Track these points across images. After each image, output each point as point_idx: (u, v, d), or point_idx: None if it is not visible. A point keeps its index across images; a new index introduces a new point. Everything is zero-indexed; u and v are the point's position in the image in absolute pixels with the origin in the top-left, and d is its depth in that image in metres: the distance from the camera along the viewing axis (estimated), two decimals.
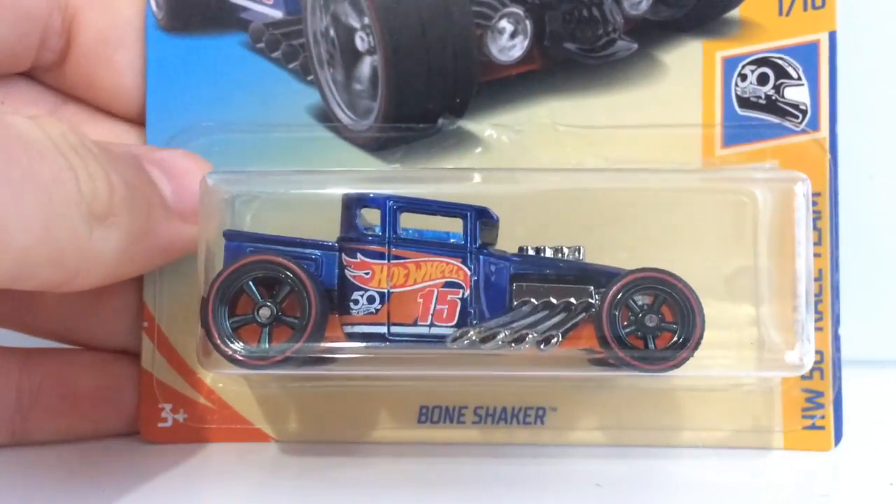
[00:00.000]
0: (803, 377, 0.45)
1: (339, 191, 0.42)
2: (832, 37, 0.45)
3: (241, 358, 0.40)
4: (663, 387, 0.46)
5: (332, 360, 0.42)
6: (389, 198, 0.41)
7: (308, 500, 0.41)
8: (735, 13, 0.46)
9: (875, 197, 0.54)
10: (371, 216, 0.42)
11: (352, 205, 0.42)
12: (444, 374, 0.44)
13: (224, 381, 0.46)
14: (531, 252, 0.43)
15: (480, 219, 0.42)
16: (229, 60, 0.46)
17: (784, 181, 0.43)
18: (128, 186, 0.38)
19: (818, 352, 0.45)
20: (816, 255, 0.45)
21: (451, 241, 0.42)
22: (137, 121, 0.46)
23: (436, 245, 0.41)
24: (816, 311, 0.45)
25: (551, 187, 0.44)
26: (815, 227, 0.45)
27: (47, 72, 0.47)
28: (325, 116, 0.46)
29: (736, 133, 0.46)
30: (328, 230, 0.42)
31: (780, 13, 0.46)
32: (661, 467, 0.44)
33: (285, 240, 0.42)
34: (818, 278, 0.45)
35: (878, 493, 0.39)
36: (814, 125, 0.46)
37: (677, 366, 0.40)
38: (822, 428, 0.45)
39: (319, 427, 0.46)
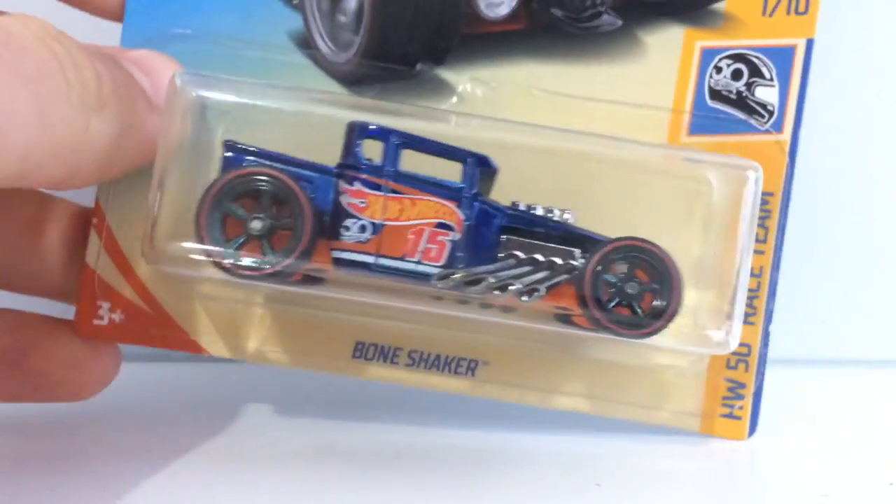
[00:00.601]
0: (728, 367, 0.46)
1: (313, 110, 0.42)
2: (809, 44, 0.46)
3: (229, 266, 0.41)
4: (598, 358, 0.47)
5: (316, 282, 0.42)
6: (393, 132, 0.42)
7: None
8: (721, 6, 0.47)
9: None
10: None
11: (355, 133, 0.42)
12: (421, 310, 0.44)
13: (164, 288, 0.46)
14: (523, 207, 0.43)
15: (480, 166, 0.43)
16: None
17: (738, 168, 0.44)
18: (113, 78, 0.38)
19: (745, 345, 0.46)
20: (759, 252, 0.46)
21: (448, 183, 0.42)
22: (119, 18, 0.46)
23: (433, 185, 0.42)
24: (751, 307, 0.46)
25: (516, 139, 0.44)
26: (762, 226, 0.47)
27: None
28: (305, 43, 0.46)
29: (703, 123, 0.47)
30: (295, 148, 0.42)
31: (764, 13, 0.46)
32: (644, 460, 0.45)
33: (285, 158, 0.42)
34: (758, 275, 0.47)
35: (878, 493, 0.40)
36: (778, 127, 0.47)
37: (651, 334, 0.42)
38: (738, 418, 0.47)
39: (254, 347, 0.47)
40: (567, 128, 0.46)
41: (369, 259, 0.42)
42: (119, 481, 0.40)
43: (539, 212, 0.44)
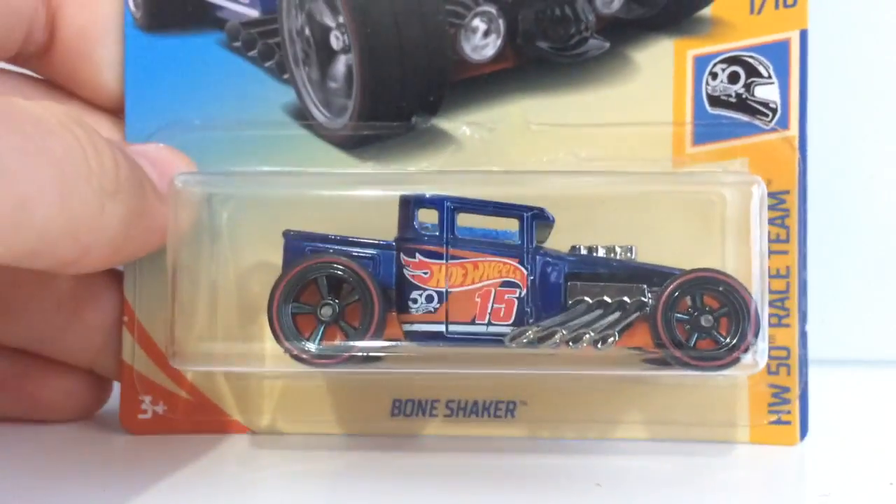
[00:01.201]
0: (770, 372, 0.46)
1: (312, 192, 0.43)
2: (803, 35, 0.46)
3: (306, 357, 0.41)
4: (633, 382, 0.46)
5: (390, 359, 0.43)
6: (447, 198, 0.42)
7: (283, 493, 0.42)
8: (706, 12, 0.46)
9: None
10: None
11: (410, 205, 0.43)
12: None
13: (200, 374, 0.47)
14: (584, 251, 0.44)
15: (537, 220, 0.43)
16: (206, 59, 0.47)
17: (743, 184, 0.44)
18: (128, 165, 0.40)
19: (784, 347, 0.46)
20: (784, 252, 0.46)
21: (507, 241, 0.43)
22: (115, 113, 0.47)
23: (493, 245, 0.42)
24: (783, 308, 0.46)
25: (522, 192, 0.44)
26: (783, 225, 0.46)
27: (30, 62, 0.48)
28: (301, 114, 0.47)
29: (706, 131, 0.46)
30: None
31: (752, 12, 0.46)
32: (645, 462, 0.45)
33: (344, 239, 0.43)
34: (785, 275, 0.46)
35: (879, 493, 0.39)
36: (784, 124, 0.46)
37: (730, 365, 0.42)
38: (788, 423, 0.46)
39: (295, 420, 0.47)
40: (571, 156, 0.46)
41: (440, 328, 0.42)
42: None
43: (600, 253, 0.44)
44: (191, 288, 0.44)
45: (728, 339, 0.42)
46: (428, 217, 0.43)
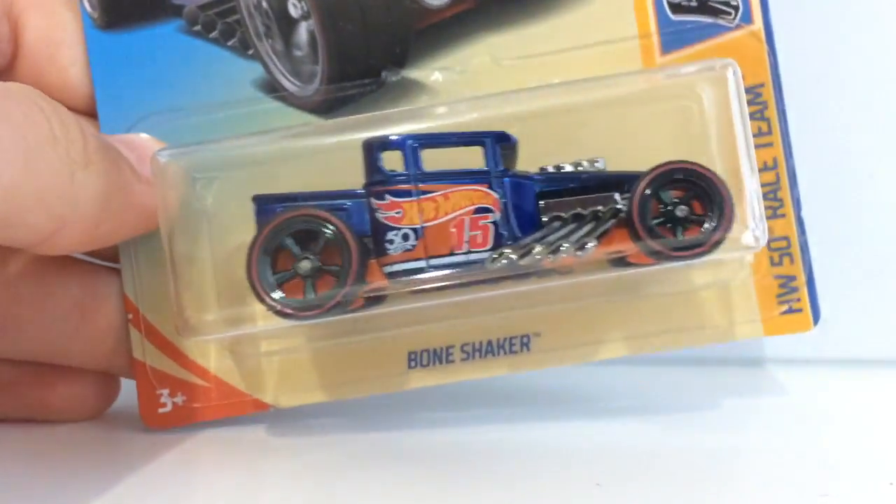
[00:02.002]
0: (773, 264, 0.46)
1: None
2: None
3: (291, 311, 0.41)
4: (640, 294, 0.46)
5: (377, 302, 0.43)
6: (409, 137, 0.42)
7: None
8: None
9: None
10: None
11: (373, 149, 0.43)
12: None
13: (214, 358, 0.47)
14: (551, 170, 0.44)
15: (500, 142, 0.43)
16: (169, 48, 0.47)
17: (715, 70, 0.44)
18: (98, 140, 0.40)
19: (783, 237, 0.46)
20: (768, 144, 0.46)
21: (474, 169, 0.43)
22: (88, 113, 0.47)
23: (460, 174, 0.42)
24: (777, 199, 0.46)
25: (495, 113, 0.44)
26: (763, 118, 0.46)
27: (1, 76, 0.48)
28: (272, 87, 0.47)
29: (672, 38, 0.46)
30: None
31: None
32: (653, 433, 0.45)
33: (314, 194, 0.43)
34: (773, 167, 0.46)
35: (879, 493, 0.39)
36: (747, 19, 0.46)
37: (712, 249, 0.42)
38: (799, 310, 0.46)
39: (314, 388, 0.47)
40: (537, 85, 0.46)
41: (421, 264, 0.42)
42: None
43: (568, 168, 0.44)
44: (187, 259, 0.44)
45: (707, 224, 0.42)
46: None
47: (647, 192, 0.42)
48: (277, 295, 0.42)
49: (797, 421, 0.47)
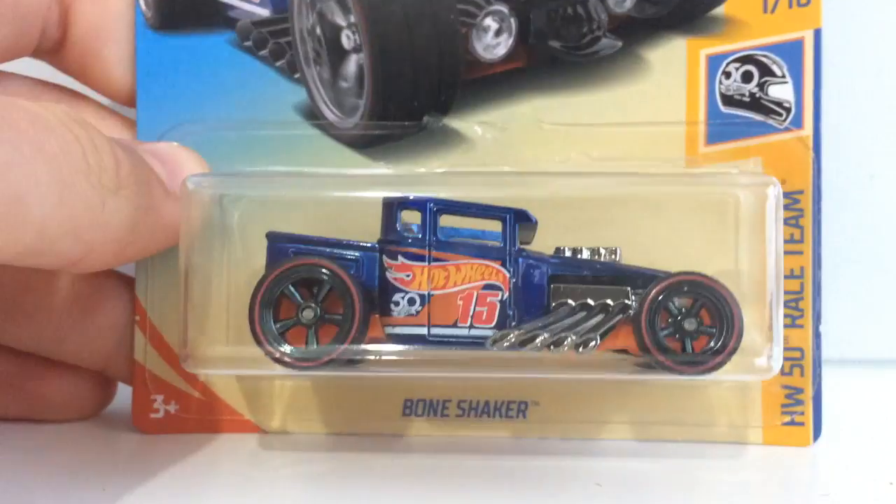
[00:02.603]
0: (783, 373, 0.45)
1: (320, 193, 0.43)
2: (817, 34, 0.45)
3: (289, 360, 0.41)
4: (645, 383, 0.46)
5: (372, 362, 0.43)
6: (430, 200, 0.42)
7: (295, 492, 0.42)
8: (720, 11, 0.46)
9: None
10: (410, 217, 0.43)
11: (392, 207, 0.42)
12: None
13: (214, 375, 0.47)
14: (568, 253, 0.43)
15: (519, 221, 0.43)
16: (217, 58, 0.47)
17: (758, 185, 0.43)
18: (131, 162, 0.40)
19: (797, 348, 0.45)
20: (798, 252, 0.45)
21: (490, 242, 0.42)
22: (129, 106, 0.47)
23: (475, 247, 0.42)
24: (797, 309, 0.45)
25: (534, 193, 0.44)
26: (797, 225, 0.45)
27: (45, 57, 0.48)
28: (312, 114, 0.47)
29: (719, 130, 0.46)
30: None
31: (765, 10, 0.46)
32: (652, 464, 0.45)
33: (326, 241, 0.42)
34: (799, 275, 0.45)
35: (879, 493, 0.39)
36: (798, 123, 0.46)
37: (713, 369, 0.41)
38: (801, 424, 0.46)
39: (307, 420, 0.47)
40: (583, 156, 0.46)
41: (422, 331, 0.42)
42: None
43: (585, 254, 0.44)
44: (203, 289, 0.44)
45: (712, 343, 0.41)
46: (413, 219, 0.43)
47: (660, 298, 0.42)
48: (280, 345, 0.41)
49: None
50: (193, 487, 0.42)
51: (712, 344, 0.41)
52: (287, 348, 0.41)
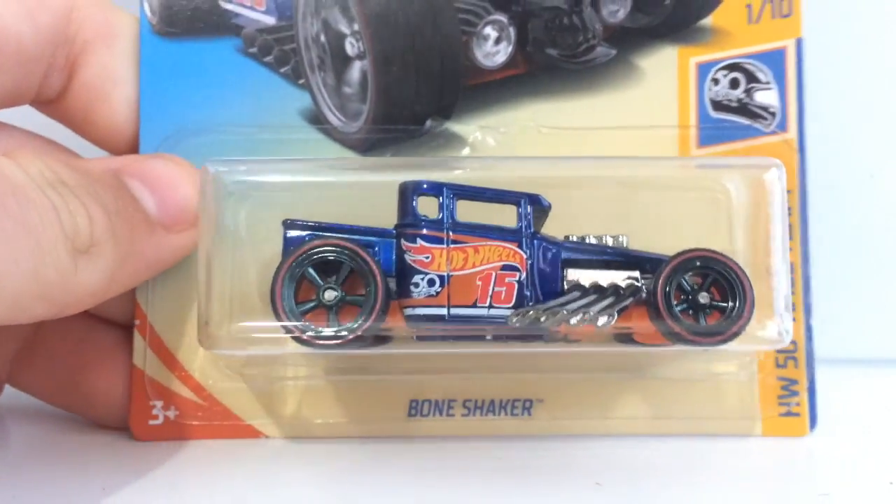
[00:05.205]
0: (778, 365, 0.47)
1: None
2: (799, 43, 0.48)
3: (311, 339, 0.41)
4: (646, 378, 0.47)
5: (392, 341, 0.43)
6: (446, 185, 0.43)
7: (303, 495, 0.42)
8: (708, 21, 0.48)
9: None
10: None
11: (409, 192, 0.43)
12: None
13: (213, 378, 0.47)
14: (575, 239, 0.44)
15: (533, 205, 0.44)
16: (222, 64, 0.47)
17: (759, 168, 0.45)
18: (108, 213, 0.39)
19: (792, 342, 0.47)
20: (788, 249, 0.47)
21: (506, 226, 0.43)
22: (128, 152, 0.47)
23: (493, 230, 0.43)
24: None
25: (531, 174, 0.45)
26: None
27: (44, 105, 0.47)
28: (316, 119, 0.48)
29: (710, 134, 0.48)
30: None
31: (750, 21, 0.48)
32: (653, 455, 0.45)
33: (344, 227, 0.43)
34: (790, 271, 0.47)
35: (878, 493, 0.40)
36: (783, 126, 0.48)
37: (730, 339, 0.42)
38: (797, 415, 0.47)
39: (311, 423, 0.47)
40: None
41: (442, 311, 0.42)
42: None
43: (592, 241, 0.45)
44: (219, 273, 0.44)
45: (727, 313, 0.43)
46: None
47: (672, 276, 0.43)
48: (302, 324, 0.41)
49: None
50: (196, 493, 0.42)
51: (727, 313, 0.43)
52: (310, 326, 0.41)
